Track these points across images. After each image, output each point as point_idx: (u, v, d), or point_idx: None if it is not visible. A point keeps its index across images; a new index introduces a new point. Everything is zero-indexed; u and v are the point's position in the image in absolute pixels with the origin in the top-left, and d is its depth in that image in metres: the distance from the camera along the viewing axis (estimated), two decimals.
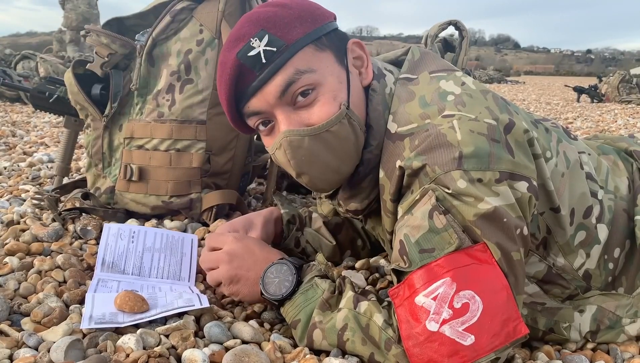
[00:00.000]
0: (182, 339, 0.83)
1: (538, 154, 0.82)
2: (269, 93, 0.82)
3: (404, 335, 0.72)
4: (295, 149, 0.83)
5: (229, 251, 0.95)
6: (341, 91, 0.84)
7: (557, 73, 67.73)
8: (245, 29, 0.82)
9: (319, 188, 0.90)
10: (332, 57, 0.85)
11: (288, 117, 0.83)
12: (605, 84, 9.24)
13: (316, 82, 0.82)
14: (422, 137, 0.79)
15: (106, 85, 1.42)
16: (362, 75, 0.90)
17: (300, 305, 0.85)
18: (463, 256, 0.72)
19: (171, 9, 1.37)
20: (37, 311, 0.88)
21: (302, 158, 0.83)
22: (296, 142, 0.82)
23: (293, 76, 0.81)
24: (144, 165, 1.38)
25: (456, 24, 1.25)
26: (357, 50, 0.90)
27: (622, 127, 4.78)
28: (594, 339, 0.90)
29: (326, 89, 0.83)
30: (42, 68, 5.62)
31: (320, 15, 0.86)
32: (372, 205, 0.95)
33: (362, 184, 0.91)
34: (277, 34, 0.80)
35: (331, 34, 0.86)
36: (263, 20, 0.81)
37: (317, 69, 0.82)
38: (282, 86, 0.81)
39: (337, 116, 0.83)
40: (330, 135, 0.83)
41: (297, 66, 0.81)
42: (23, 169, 2.06)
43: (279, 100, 0.82)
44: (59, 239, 1.25)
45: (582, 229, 0.88)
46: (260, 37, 0.80)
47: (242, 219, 1.09)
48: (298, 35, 0.81)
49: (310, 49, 0.82)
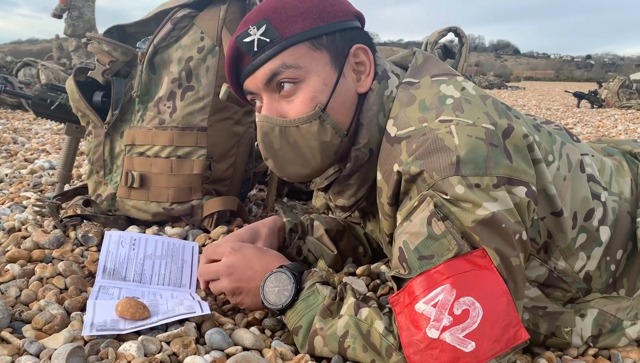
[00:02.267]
0: (183, 346, 0.83)
1: (538, 158, 0.82)
2: (258, 78, 0.87)
3: (404, 342, 0.72)
4: (265, 134, 0.89)
5: (227, 264, 0.95)
6: (322, 92, 0.86)
7: (557, 79, 67.82)
8: (252, 14, 0.87)
9: (284, 175, 0.94)
10: (326, 59, 0.87)
11: (270, 104, 0.88)
12: (605, 89, 9.25)
13: (299, 78, 0.86)
14: (419, 141, 0.80)
15: (107, 92, 1.43)
16: (361, 81, 0.90)
17: (301, 311, 0.85)
18: (462, 262, 0.72)
19: (172, 17, 1.37)
20: (39, 318, 0.88)
21: (270, 144, 0.89)
22: (267, 128, 0.88)
23: (278, 68, 0.85)
24: (145, 172, 1.39)
25: (456, 30, 1.25)
26: (361, 55, 0.90)
27: (623, 132, 4.79)
28: (596, 343, 0.90)
29: (307, 88, 0.86)
30: (43, 75, 5.63)
31: (332, 13, 0.87)
32: (360, 203, 0.97)
33: (349, 181, 0.93)
34: (275, 26, 0.84)
35: (336, 35, 0.87)
36: (269, 10, 0.85)
37: (304, 67, 0.85)
38: (268, 74, 0.86)
39: (309, 116, 0.86)
40: (297, 131, 0.87)
41: (285, 59, 0.85)
42: (24, 176, 2.06)
43: (266, 86, 0.87)
44: (60, 246, 1.25)
45: (583, 232, 0.88)
46: (258, 26, 0.85)
47: (247, 230, 1.10)
48: (294, 31, 0.85)
49: (304, 46, 0.85)
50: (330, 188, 0.98)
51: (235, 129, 1.43)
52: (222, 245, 1.01)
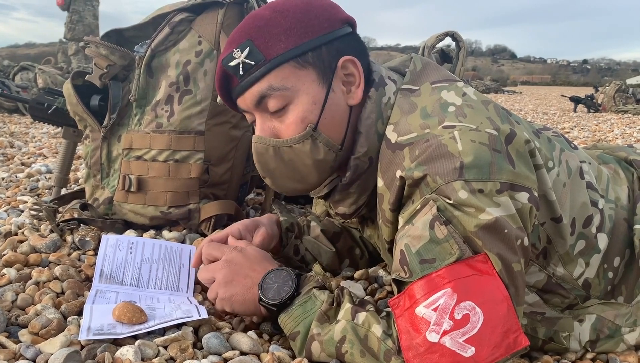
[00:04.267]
0: (180, 350, 0.82)
1: (539, 164, 0.82)
2: (247, 100, 0.88)
3: (404, 345, 0.72)
4: (260, 155, 0.89)
5: (227, 259, 0.95)
6: (312, 112, 0.86)
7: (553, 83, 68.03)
8: (236, 34, 0.86)
9: (283, 191, 0.96)
10: (313, 76, 0.85)
11: (263, 123, 0.89)
12: (601, 94, 9.29)
13: (289, 100, 0.86)
14: (422, 147, 0.80)
15: (105, 96, 1.43)
16: (351, 93, 0.89)
17: (298, 317, 0.84)
18: (464, 267, 0.72)
19: (170, 21, 1.37)
20: (35, 322, 0.88)
21: (265, 164, 0.90)
22: (261, 149, 0.89)
23: (266, 91, 0.85)
24: (142, 176, 1.38)
25: (453, 34, 1.25)
26: (350, 67, 0.88)
27: (619, 136, 4.80)
28: (594, 348, 0.90)
29: (297, 109, 0.86)
30: (40, 79, 5.62)
31: (316, 26, 0.85)
32: (361, 210, 0.96)
33: (350, 189, 0.92)
34: (259, 47, 0.83)
35: (322, 49, 0.85)
36: (252, 29, 0.84)
37: (292, 87, 0.85)
38: (256, 97, 0.86)
39: (301, 136, 0.86)
40: (291, 151, 0.87)
41: (271, 82, 0.84)
42: (21, 180, 2.06)
43: (256, 107, 0.88)
44: (57, 250, 1.25)
45: (582, 238, 0.88)
46: (242, 48, 0.84)
47: (248, 220, 1.10)
48: (279, 52, 0.83)
49: (289, 66, 0.84)
50: (330, 196, 0.97)
51: (233, 133, 1.43)
52: (225, 245, 1.01)
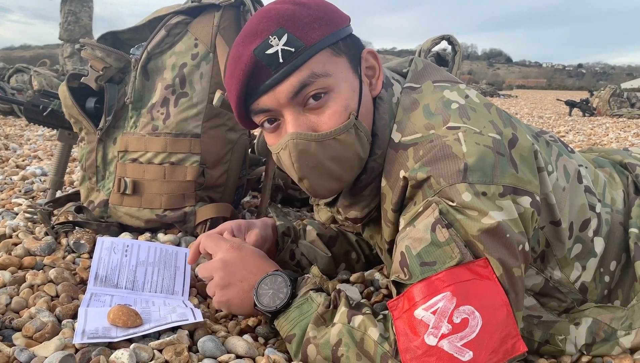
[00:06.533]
0: (175, 354, 0.82)
1: (542, 167, 0.82)
2: (282, 93, 0.80)
3: (401, 347, 0.72)
4: (301, 153, 0.81)
5: (223, 259, 0.94)
6: (353, 100, 0.83)
7: (549, 87, 68.35)
8: (263, 24, 0.79)
9: (318, 194, 0.88)
10: (347, 64, 0.84)
11: (297, 119, 0.81)
12: (596, 98, 9.32)
13: (330, 87, 0.81)
14: (426, 148, 0.79)
15: (100, 98, 1.42)
16: (372, 85, 0.88)
17: (294, 319, 0.84)
18: (464, 271, 0.71)
19: (166, 23, 1.37)
20: (29, 326, 0.87)
21: (306, 162, 0.82)
22: (302, 145, 0.81)
23: (308, 79, 0.79)
24: (138, 178, 1.38)
25: (449, 38, 1.26)
26: (370, 59, 0.88)
27: (614, 140, 4.82)
28: (589, 351, 0.90)
29: (338, 96, 0.81)
30: (35, 81, 5.60)
31: (337, 19, 0.84)
32: (372, 213, 0.95)
33: (364, 192, 0.91)
34: (296, 34, 0.78)
35: (347, 40, 0.84)
36: (283, 18, 0.79)
37: (333, 74, 0.81)
38: (296, 87, 0.79)
39: (346, 125, 0.81)
40: (337, 143, 0.82)
41: (313, 68, 0.79)
42: (16, 182, 2.05)
43: (291, 100, 0.80)
44: (52, 253, 1.24)
45: (579, 242, 0.89)
46: (279, 36, 0.78)
47: (242, 220, 1.10)
48: (317, 38, 0.79)
49: (327, 53, 0.81)
50: (339, 201, 0.95)
51: (229, 135, 1.43)
52: (223, 238, 1.00)
